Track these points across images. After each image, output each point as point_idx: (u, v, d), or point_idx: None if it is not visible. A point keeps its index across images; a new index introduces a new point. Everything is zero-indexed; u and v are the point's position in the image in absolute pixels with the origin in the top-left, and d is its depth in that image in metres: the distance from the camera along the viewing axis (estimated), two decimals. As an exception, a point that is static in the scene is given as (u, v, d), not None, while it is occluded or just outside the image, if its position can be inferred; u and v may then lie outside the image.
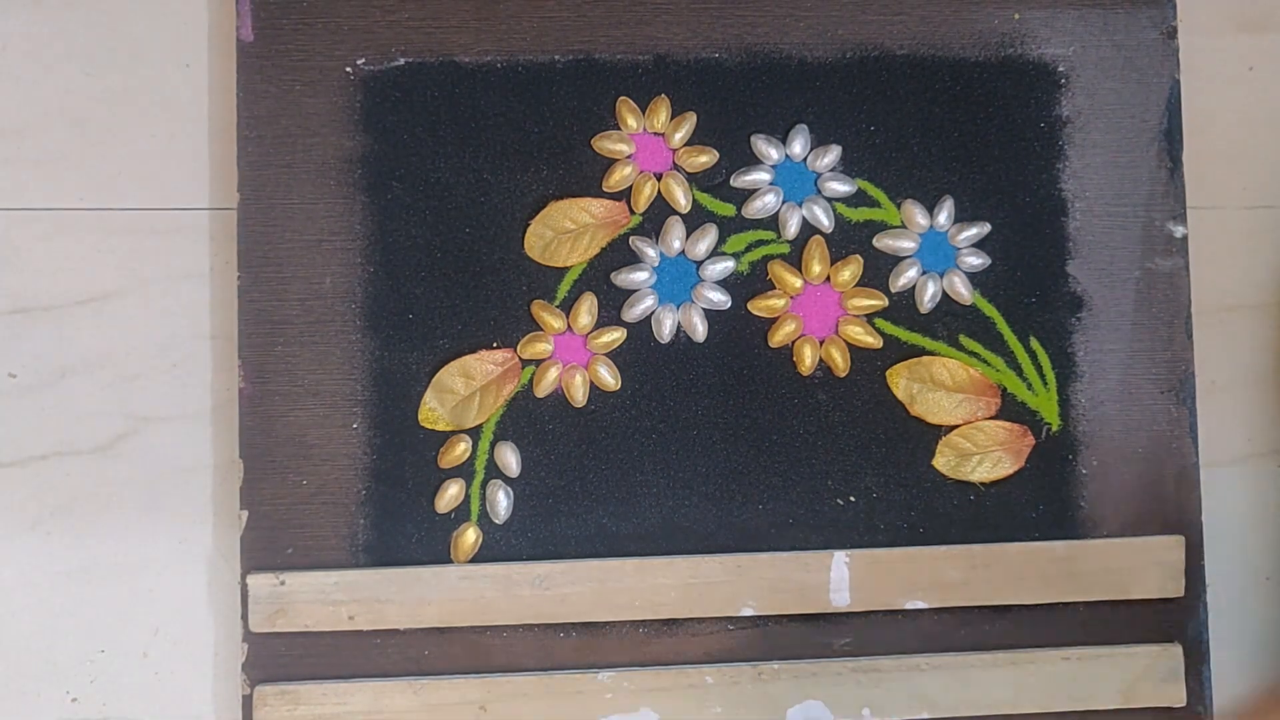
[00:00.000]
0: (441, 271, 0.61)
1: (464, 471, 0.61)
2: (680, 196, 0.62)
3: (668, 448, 0.61)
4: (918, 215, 0.62)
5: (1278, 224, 0.66)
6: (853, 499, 0.61)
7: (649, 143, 0.62)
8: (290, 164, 0.61)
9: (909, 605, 0.61)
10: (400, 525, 0.60)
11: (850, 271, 0.62)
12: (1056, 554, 0.61)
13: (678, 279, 0.62)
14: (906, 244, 0.62)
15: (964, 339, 0.62)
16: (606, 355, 0.61)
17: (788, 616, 0.61)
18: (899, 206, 0.62)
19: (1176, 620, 0.61)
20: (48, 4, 0.63)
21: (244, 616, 0.59)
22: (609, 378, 0.61)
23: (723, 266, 0.62)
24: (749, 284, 0.62)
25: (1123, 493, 0.62)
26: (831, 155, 0.62)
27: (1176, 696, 0.61)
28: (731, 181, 0.62)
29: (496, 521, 0.61)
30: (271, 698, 0.59)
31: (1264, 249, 0.66)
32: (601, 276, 0.62)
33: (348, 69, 0.61)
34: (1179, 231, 0.63)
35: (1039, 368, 0.62)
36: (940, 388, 0.62)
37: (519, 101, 0.62)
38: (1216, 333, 0.65)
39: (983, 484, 0.62)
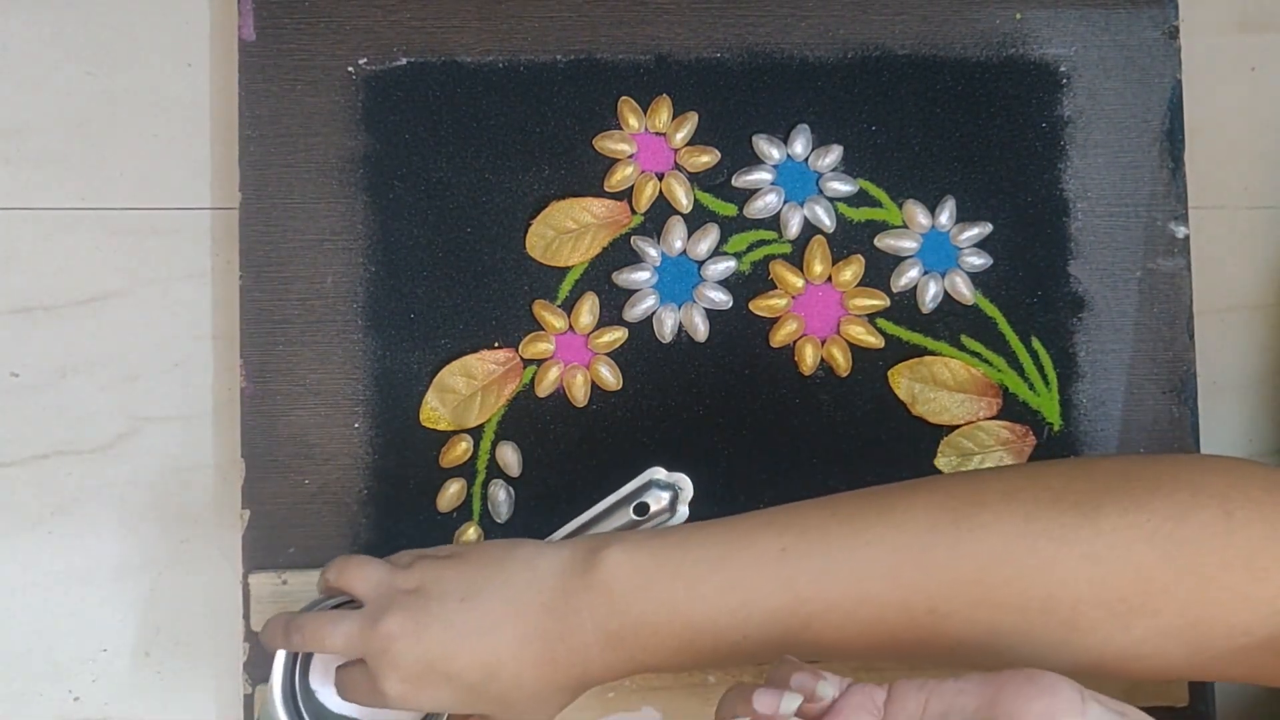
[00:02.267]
0: (443, 271, 0.61)
1: (465, 471, 0.61)
2: (682, 196, 0.62)
3: (669, 447, 0.61)
4: (919, 215, 0.62)
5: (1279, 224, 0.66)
6: (854, 499, 0.61)
7: (650, 142, 0.62)
8: (292, 164, 0.61)
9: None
10: (402, 524, 0.60)
11: (852, 271, 0.62)
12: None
13: (679, 279, 0.62)
14: (908, 244, 0.62)
15: (965, 339, 0.62)
16: (608, 355, 0.61)
17: (789, 616, 0.61)
18: (900, 206, 0.62)
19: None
20: (49, 4, 0.63)
21: (246, 616, 0.59)
22: (610, 377, 0.61)
23: (724, 266, 0.62)
24: (750, 284, 0.62)
25: (1124, 493, 0.62)
26: (833, 155, 0.62)
27: (1179, 696, 0.61)
28: (733, 181, 0.62)
29: (498, 521, 0.61)
30: (273, 697, 0.59)
31: (1266, 249, 0.66)
32: (603, 276, 0.62)
33: (349, 69, 0.61)
34: (1181, 232, 0.63)
35: (1040, 368, 0.62)
36: (942, 388, 0.62)
37: (520, 101, 0.62)
38: (1218, 333, 0.65)
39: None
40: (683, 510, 0.56)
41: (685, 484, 0.56)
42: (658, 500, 0.56)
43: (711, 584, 0.46)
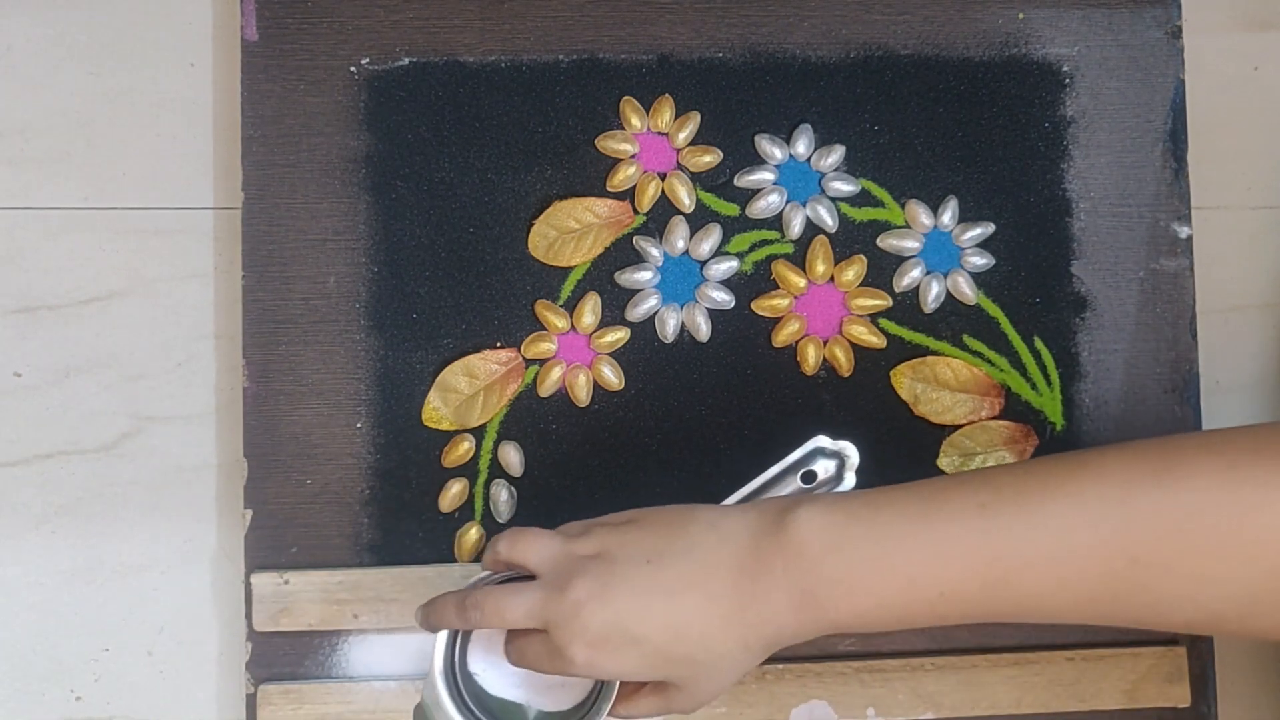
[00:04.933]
0: (445, 271, 0.61)
1: (467, 471, 0.61)
2: (684, 196, 0.62)
3: (671, 447, 0.61)
4: (922, 215, 0.62)
5: (1283, 224, 0.66)
6: (856, 499, 0.61)
7: (653, 142, 0.62)
8: (294, 163, 0.61)
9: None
10: (404, 524, 0.60)
11: (854, 271, 0.62)
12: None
13: (681, 279, 0.62)
14: (910, 244, 0.62)
15: (968, 339, 0.62)
16: (610, 355, 0.61)
17: (791, 616, 0.61)
18: (903, 206, 0.62)
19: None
20: (53, 4, 0.63)
21: (248, 615, 0.59)
22: (612, 377, 0.61)
23: (726, 266, 0.62)
24: (753, 284, 0.62)
25: (1127, 493, 0.62)
26: (835, 155, 0.62)
27: (1181, 697, 0.60)
28: (735, 181, 0.62)
29: (500, 521, 0.61)
30: (275, 696, 0.59)
31: (1269, 249, 0.65)
32: (605, 276, 0.62)
33: (352, 68, 0.62)
34: (1184, 232, 0.63)
35: (1043, 368, 0.62)
36: (944, 388, 0.62)
37: (523, 101, 0.62)
38: (1221, 333, 0.65)
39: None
40: (849, 478, 0.56)
41: (851, 451, 0.56)
42: (825, 468, 0.56)
43: (909, 540, 0.46)
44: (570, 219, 0.62)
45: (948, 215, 0.62)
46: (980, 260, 0.62)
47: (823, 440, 0.56)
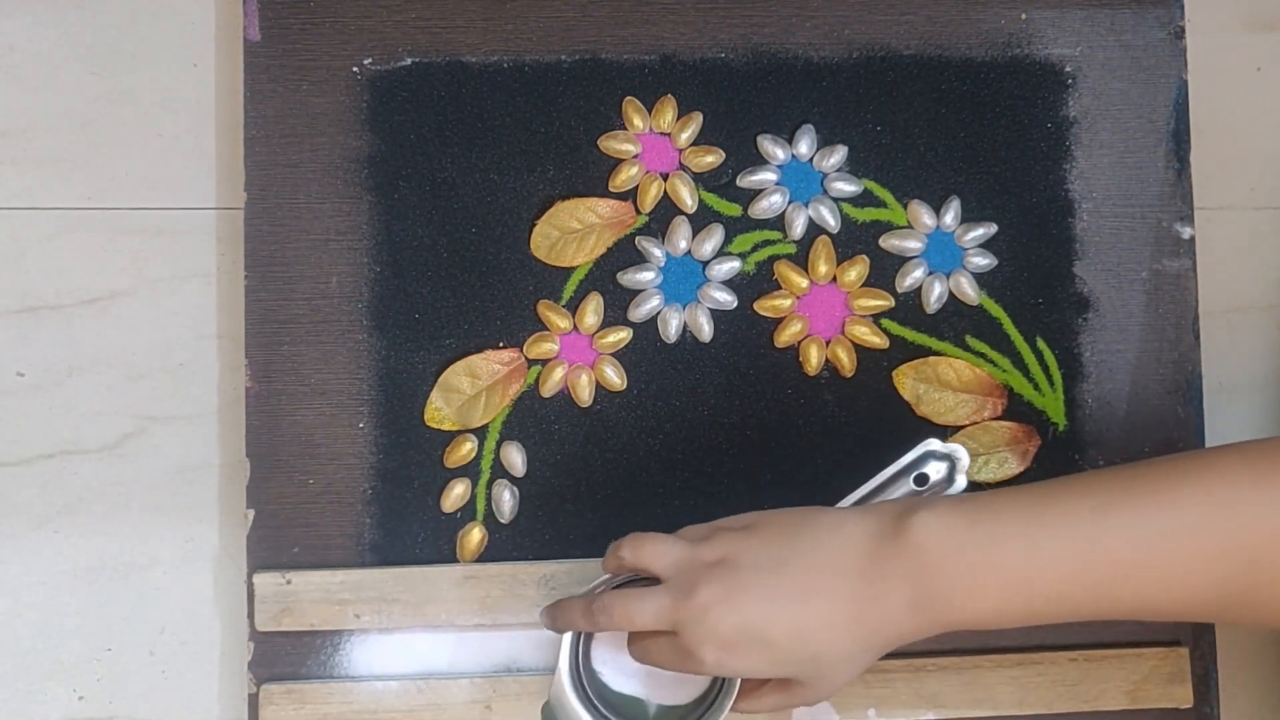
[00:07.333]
0: (448, 271, 0.61)
1: (470, 471, 0.61)
2: (686, 196, 0.62)
3: (673, 448, 0.61)
4: (924, 215, 0.62)
5: (1285, 224, 0.66)
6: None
7: (655, 142, 0.62)
8: (297, 164, 0.61)
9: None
10: (406, 524, 0.60)
11: (856, 272, 0.62)
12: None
13: (684, 279, 0.62)
14: (913, 244, 0.62)
15: (970, 339, 0.62)
16: (612, 355, 0.61)
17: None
18: (905, 207, 0.62)
19: (1183, 621, 0.61)
20: (55, 4, 0.63)
21: (250, 615, 0.59)
22: (615, 378, 0.61)
23: (729, 266, 0.62)
24: (755, 284, 0.62)
25: (1129, 493, 0.61)
26: (838, 155, 0.62)
27: (1183, 698, 0.60)
28: (738, 181, 0.62)
29: (502, 521, 0.61)
30: (277, 696, 0.59)
31: (1272, 250, 0.65)
32: (607, 276, 0.62)
33: (354, 69, 0.62)
34: (1186, 233, 0.63)
35: (1045, 368, 0.62)
36: (946, 388, 0.62)
37: (525, 101, 0.62)
38: (1224, 334, 0.65)
39: (989, 484, 0.61)
40: (960, 480, 0.57)
41: (961, 454, 0.57)
42: (936, 470, 0.57)
43: (1025, 543, 0.47)
44: (572, 219, 0.62)
45: (950, 215, 0.62)
46: (982, 260, 0.62)
47: (933, 443, 0.57)
